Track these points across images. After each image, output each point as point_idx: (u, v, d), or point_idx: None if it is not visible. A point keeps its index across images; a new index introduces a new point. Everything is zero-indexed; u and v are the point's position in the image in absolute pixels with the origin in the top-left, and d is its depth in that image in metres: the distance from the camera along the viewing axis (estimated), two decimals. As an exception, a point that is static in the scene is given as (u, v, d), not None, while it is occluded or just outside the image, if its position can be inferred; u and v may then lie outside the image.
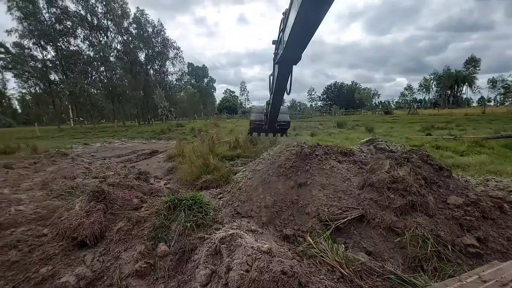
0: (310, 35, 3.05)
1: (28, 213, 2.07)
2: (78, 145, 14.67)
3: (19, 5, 29.43)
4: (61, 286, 1.53)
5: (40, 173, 6.51)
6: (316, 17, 2.62)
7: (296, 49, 3.44)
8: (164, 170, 7.41)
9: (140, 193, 2.83)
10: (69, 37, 33.60)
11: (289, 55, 3.61)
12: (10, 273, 1.59)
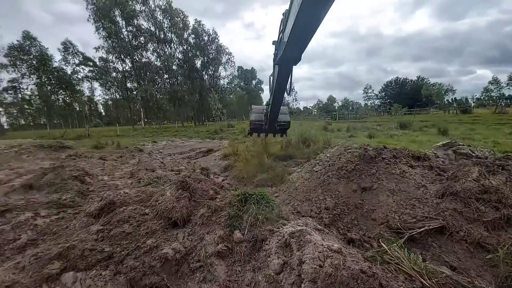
0: (310, 35, 2.96)
1: (132, 195, 2.58)
2: (149, 143, 17.08)
3: (104, 26, 35.99)
4: (163, 256, 1.88)
5: (125, 164, 7.86)
6: (316, 17, 2.53)
7: (296, 50, 3.37)
8: (220, 167, 8.02)
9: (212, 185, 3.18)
10: (142, 50, 39.46)
11: (289, 56, 3.52)
12: (125, 242, 2.02)
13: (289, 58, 3.70)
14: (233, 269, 1.94)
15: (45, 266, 1.74)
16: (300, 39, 3.08)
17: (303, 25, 2.70)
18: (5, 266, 1.78)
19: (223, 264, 1.96)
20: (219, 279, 1.84)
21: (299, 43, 3.24)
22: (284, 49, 3.44)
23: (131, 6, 36.17)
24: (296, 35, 2.95)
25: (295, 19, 2.61)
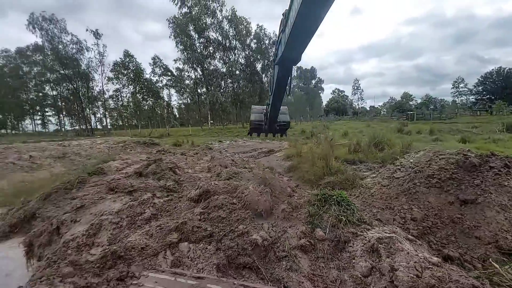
0: (310, 36, 2.94)
1: (221, 187, 2.98)
2: (215, 142, 18.90)
3: (182, 40, 41.54)
4: (253, 241, 2.12)
5: (200, 160, 8.98)
6: (316, 18, 2.50)
7: (296, 50, 3.34)
8: (283, 167, 8.20)
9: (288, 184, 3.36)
10: (210, 59, 43.92)
11: (289, 56, 3.52)
12: (221, 225, 2.36)
13: (288, 59, 3.70)
14: (316, 264, 2.03)
15: (167, 236, 2.23)
16: (300, 39, 3.07)
17: (303, 25, 2.68)
18: (138, 232, 2.36)
19: (306, 258, 2.08)
20: (304, 271, 1.96)
21: (299, 44, 3.22)
22: (284, 50, 3.45)
23: (203, 19, 40.68)
24: (296, 36, 2.95)
25: (295, 19, 2.59)
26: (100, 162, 7.71)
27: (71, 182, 5.17)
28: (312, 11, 2.43)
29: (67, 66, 39.13)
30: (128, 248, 1.98)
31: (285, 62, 3.87)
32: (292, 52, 3.46)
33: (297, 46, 3.29)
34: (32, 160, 10.07)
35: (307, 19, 2.55)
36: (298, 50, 3.45)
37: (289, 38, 3.08)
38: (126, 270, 1.82)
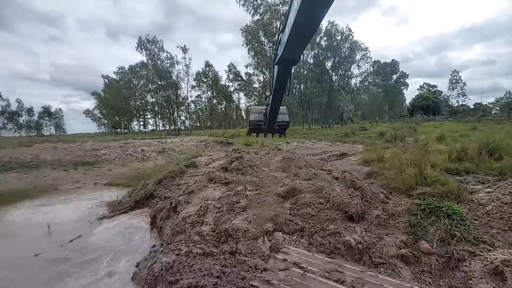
0: (310, 35, 2.94)
1: (305, 186, 3.10)
2: (283, 143, 19.24)
3: (254, 46, 44.00)
4: (346, 242, 2.14)
5: (272, 160, 9.40)
6: (315, 17, 2.48)
7: (295, 50, 3.36)
8: (361, 173, 7.61)
9: (380, 189, 3.18)
10: (279, 61, 44.89)
11: (289, 56, 3.49)
12: (311, 222, 2.46)
13: (288, 58, 3.71)
14: (421, 278, 1.88)
15: (263, 224, 2.51)
16: (299, 39, 3.10)
17: (303, 25, 2.67)
18: (238, 218, 2.74)
19: (407, 269, 1.95)
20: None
21: (298, 43, 3.26)
22: (283, 50, 3.44)
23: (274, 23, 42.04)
24: (296, 35, 2.94)
25: (295, 19, 2.57)
26: (191, 157, 9.20)
27: (175, 171, 6.42)
28: (312, 10, 2.45)
29: (163, 78, 47.94)
30: (235, 229, 2.35)
31: (284, 62, 3.89)
32: (291, 52, 3.50)
33: (297, 46, 3.36)
34: (143, 153, 12.91)
35: (307, 18, 2.57)
36: (298, 50, 3.54)
37: (289, 38, 3.09)
38: (235, 246, 2.17)
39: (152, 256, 2.76)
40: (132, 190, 6.53)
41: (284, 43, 3.35)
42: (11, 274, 3.26)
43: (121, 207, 5.73)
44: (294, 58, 3.79)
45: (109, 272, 3.20)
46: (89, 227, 5.00)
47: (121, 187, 8.60)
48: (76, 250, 3.95)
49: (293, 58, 3.76)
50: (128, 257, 3.55)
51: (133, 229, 4.64)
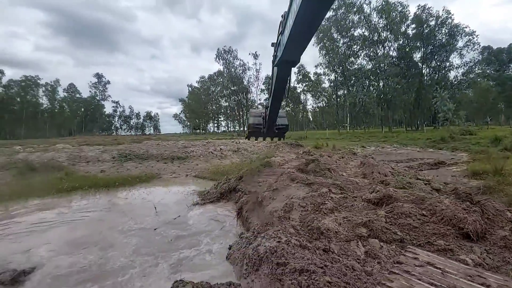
0: (309, 37, 3.09)
1: (401, 194, 2.84)
2: (357, 147, 17.69)
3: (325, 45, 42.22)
4: (462, 261, 1.86)
5: (348, 165, 8.86)
6: (314, 20, 2.56)
7: (295, 52, 3.45)
8: (467, 187, 6.21)
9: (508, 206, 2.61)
10: (353, 58, 41.52)
11: (288, 58, 3.60)
12: (413, 233, 2.26)
13: (287, 60, 3.69)
14: None
15: (355, 228, 2.47)
16: (298, 41, 3.09)
17: (302, 28, 2.65)
18: (327, 218, 2.78)
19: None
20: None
21: (297, 45, 3.25)
22: (283, 51, 3.44)
23: (349, 17, 39.24)
24: (295, 38, 2.92)
25: (294, 22, 2.55)
26: (264, 157, 9.77)
27: (253, 170, 6.99)
28: (310, 13, 2.42)
29: (235, 83, 52.31)
30: (326, 229, 2.42)
31: (284, 63, 3.89)
32: (291, 53, 3.49)
33: (296, 47, 3.34)
34: (221, 151, 14.52)
35: (306, 21, 2.54)
36: (297, 51, 3.49)
37: (288, 40, 3.09)
38: (328, 245, 2.24)
39: (246, 241, 3.15)
40: (217, 183, 7.50)
41: (284, 45, 3.33)
42: (143, 241, 4.34)
43: (209, 197, 6.67)
44: (294, 60, 3.75)
45: (208, 250, 3.82)
46: (185, 210, 6.05)
47: (206, 179, 9.96)
48: (179, 228, 4.87)
49: (292, 60, 3.73)
50: (221, 240, 4.14)
51: (220, 217, 5.34)
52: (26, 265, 3.42)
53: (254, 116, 6.61)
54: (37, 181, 9.66)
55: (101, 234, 4.57)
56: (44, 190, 7.96)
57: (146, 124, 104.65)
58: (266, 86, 51.52)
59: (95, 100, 70.88)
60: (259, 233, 3.06)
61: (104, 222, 5.18)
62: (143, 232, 4.65)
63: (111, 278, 3.10)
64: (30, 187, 8.65)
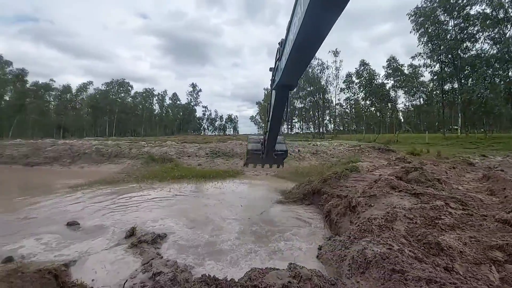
0: (306, 64, 3.22)
1: None
2: (475, 156, 13.86)
3: (426, 31, 35.10)
4: None
5: (462, 177, 7.17)
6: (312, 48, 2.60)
7: (292, 77, 3.58)
8: None
9: None
10: (469, 43, 32.69)
11: (285, 82, 3.73)
12: None
13: (285, 85, 3.84)
14: None
15: (488, 251, 2.06)
16: (296, 67, 3.20)
17: (299, 56, 2.76)
18: (446, 235, 2.42)
19: None
20: None
21: (295, 71, 3.37)
22: (280, 77, 3.56)
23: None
24: (292, 64, 3.03)
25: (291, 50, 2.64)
26: (347, 161, 9.20)
27: (338, 173, 6.74)
28: (307, 43, 2.46)
29: (312, 84, 50.92)
30: (447, 246, 2.14)
31: (282, 88, 4.00)
32: (288, 78, 3.56)
33: (293, 73, 3.41)
34: (299, 153, 14.58)
35: (303, 49, 2.61)
36: (294, 76, 3.60)
37: (286, 66, 3.16)
38: (451, 264, 1.98)
39: (340, 244, 3.14)
40: (298, 184, 7.66)
41: (282, 70, 3.42)
42: (245, 227, 4.99)
43: (292, 196, 6.90)
44: (291, 84, 3.89)
45: (298, 247, 4.00)
46: (269, 206, 6.48)
47: (285, 179, 10.32)
48: (268, 222, 5.28)
49: (290, 84, 3.87)
50: (309, 239, 4.25)
51: (305, 217, 5.45)
52: (158, 231, 4.55)
53: (253, 142, 6.44)
54: (157, 169, 12.58)
55: (207, 217, 5.54)
56: (162, 176, 10.30)
57: (227, 125, 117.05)
58: (346, 85, 47.67)
59: (190, 106, 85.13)
60: (356, 238, 2.99)
61: (208, 208, 6.24)
62: (239, 221, 5.33)
63: (223, 255, 3.74)
64: (153, 173, 11.38)
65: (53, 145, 17.59)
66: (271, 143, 5.81)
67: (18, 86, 50.73)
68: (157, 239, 4.20)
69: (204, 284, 1.48)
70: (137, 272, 3.18)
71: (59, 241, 4.30)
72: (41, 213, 5.84)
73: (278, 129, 5.36)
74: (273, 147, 5.92)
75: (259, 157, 6.21)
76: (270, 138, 5.62)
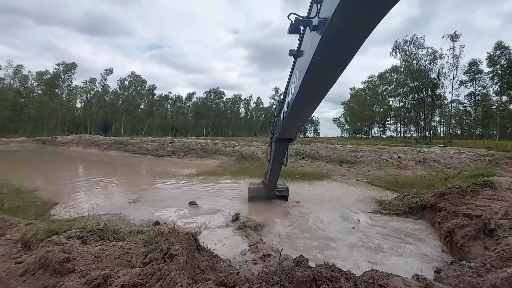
0: (305, 121, 3.68)
1: None
2: None
3: None
4: None
5: None
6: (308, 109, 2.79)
7: (291, 131, 3.88)
8: None
9: None
10: None
11: (285, 136, 4.00)
12: None
13: (285, 138, 4.07)
14: None
15: None
16: (294, 124, 3.44)
17: (297, 114, 2.93)
18: None
19: None
20: None
21: (293, 127, 3.66)
22: (280, 131, 3.78)
23: None
24: (290, 122, 3.22)
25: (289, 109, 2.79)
26: (477, 174, 7.13)
27: (463, 188, 5.39)
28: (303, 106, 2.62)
29: (417, 78, 42.32)
30: None
31: (281, 140, 4.17)
32: (287, 133, 3.81)
33: (292, 128, 3.70)
34: (399, 160, 12.54)
35: (300, 110, 2.76)
36: (293, 131, 3.97)
37: (284, 123, 3.30)
38: None
39: (471, 271, 2.60)
40: (402, 195, 6.63)
41: (281, 126, 3.52)
42: (341, 229, 4.88)
43: (393, 208, 6.05)
44: (290, 137, 4.13)
45: (411, 265, 3.52)
46: (365, 216, 5.91)
47: (381, 188, 9.13)
48: (372, 231, 4.86)
49: (289, 137, 4.11)
50: (421, 259, 3.66)
51: (414, 234, 4.67)
52: (258, 221, 5.04)
53: (253, 190, 6.63)
54: (247, 166, 13.93)
55: (302, 216, 5.71)
56: (253, 173, 11.30)
57: (307, 127, 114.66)
58: (470, 76, 36.53)
59: (272, 108, 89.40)
60: (494, 267, 2.41)
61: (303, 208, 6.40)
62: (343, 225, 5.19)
63: (329, 250, 3.79)
64: (244, 169, 12.68)
65: (172, 142, 22.60)
66: (272, 184, 6.04)
67: (149, 98, 68.18)
68: (258, 227, 4.70)
69: (329, 270, 1.60)
70: (246, 251, 3.69)
71: (186, 214, 5.55)
72: (169, 193, 7.69)
73: (278, 173, 5.60)
74: (273, 188, 6.19)
75: (261, 197, 6.54)
76: (270, 180, 5.82)
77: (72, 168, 14.41)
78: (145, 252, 2.11)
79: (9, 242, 2.85)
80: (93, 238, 2.56)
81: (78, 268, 1.92)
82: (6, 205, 5.18)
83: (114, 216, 5.18)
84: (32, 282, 1.98)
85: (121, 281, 1.71)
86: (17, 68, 51.52)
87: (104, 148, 24.60)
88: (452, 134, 52.49)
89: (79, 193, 7.53)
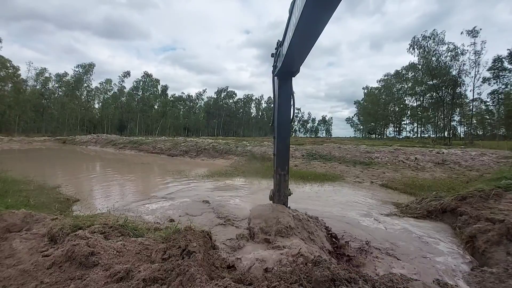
0: (308, 49, 3.10)
1: None
2: None
3: None
4: None
5: None
6: (314, 31, 2.52)
7: (294, 62, 3.51)
8: None
9: None
10: None
11: (288, 68, 3.67)
12: None
13: (288, 70, 3.79)
14: None
15: None
16: (298, 52, 3.18)
17: (302, 39, 2.70)
18: None
19: None
20: None
21: (297, 56, 3.33)
22: (282, 62, 3.49)
23: None
24: (295, 49, 3.02)
25: (293, 33, 2.58)
26: (500, 177, 6.76)
27: (486, 192, 5.13)
28: (310, 25, 2.40)
29: (436, 76, 40.62)
30: None
31: (284, 74, 3.88)
32: (290, 64, 3.52)
33: (296, 58, 3.38)
34: (416, 161, 12.12)
35: (306, 33, 2.58)
36: (297, 62, 3.55)
37: (288, 51, 3.11)
38: None
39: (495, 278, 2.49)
40: (420, 198, 6.40)
41: (284, 55, 3.34)
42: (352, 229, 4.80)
43: (411, 211, 5.85)
44: (294, 70, 3.78)
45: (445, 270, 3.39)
46: (382, 217, 5.76)
47: (397, 191, 8.86)
48: (392, 236, 4.75)
49: (292, 70, 3.79)
50: (447, 265, 3.52)
51: (433, 239, 4.51)
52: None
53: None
54: (258, 166, 13.95)
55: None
56: (264, 174, 11.30)
57: (319, 127, 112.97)
58: (494, 73, 34.63)
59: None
60: None
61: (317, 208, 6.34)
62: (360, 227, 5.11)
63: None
64: (255, 169, 12.71)
65: (184, 142, 23.03)
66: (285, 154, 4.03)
67: (162, 98, 69.70)
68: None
69: (347, 272, 1.59)
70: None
71: (198, 212, 5.66)
72: (181, 191, 7.86)
73: (288, 134, 4.14)
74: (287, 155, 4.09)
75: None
76: (279, 148, 3.97)
77: (90, 167, 15.05)
78: (164, 248, 2.18)
79: (36, 236, 3.02)
80: (114, 234, 2.67)
81: (102, 261, 2.02)
82: (32, 201, 5.49)
83: (130, 212, 5.37)
84: (59, 274, 2.10)
85: (142, 276, 1.79)
86: (40, 71, 54.44)
87: (120, 147, 25.52)
88: (474, 134, 50.02)
89: (98, 190, 7.86)
